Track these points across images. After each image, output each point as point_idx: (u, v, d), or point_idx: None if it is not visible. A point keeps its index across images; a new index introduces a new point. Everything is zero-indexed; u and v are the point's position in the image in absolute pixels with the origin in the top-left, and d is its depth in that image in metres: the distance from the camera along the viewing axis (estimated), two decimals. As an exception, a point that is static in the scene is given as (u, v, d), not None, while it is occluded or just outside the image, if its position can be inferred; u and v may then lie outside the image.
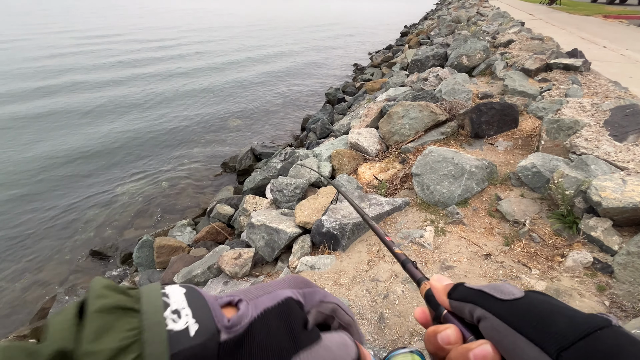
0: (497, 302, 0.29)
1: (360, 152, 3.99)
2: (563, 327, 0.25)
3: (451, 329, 0.31)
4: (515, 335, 0.27)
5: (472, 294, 0.32)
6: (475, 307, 0.30)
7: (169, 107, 9.86)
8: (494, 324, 0.28)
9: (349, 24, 28.82)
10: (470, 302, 0.31)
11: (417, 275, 0.43)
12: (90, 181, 6.20)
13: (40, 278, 4.26)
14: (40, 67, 13.39)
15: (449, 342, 0.30)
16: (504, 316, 0.28)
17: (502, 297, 0.30)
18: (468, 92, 4.38)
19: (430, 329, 0.32)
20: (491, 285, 0.31)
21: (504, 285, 0.31)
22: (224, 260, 2.79)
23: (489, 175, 2.88)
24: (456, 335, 0.31)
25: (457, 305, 0.33)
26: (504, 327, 0.28)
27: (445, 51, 6.94)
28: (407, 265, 0.46)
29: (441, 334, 0.31)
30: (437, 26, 14.17)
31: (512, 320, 0.28)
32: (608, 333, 0.24)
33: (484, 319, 0.29)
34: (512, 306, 0.29)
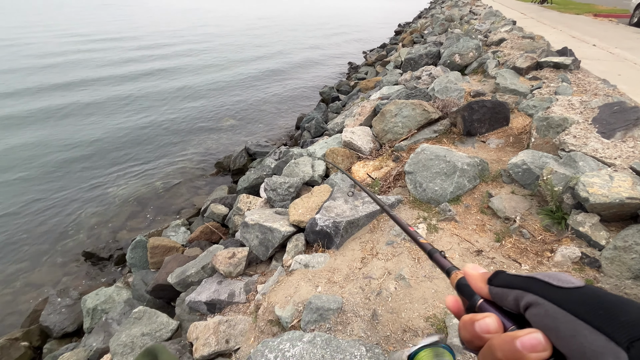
0: (553, 289, 0.28)
1: (354, 151, 4.00)
2: (634, 316, 0.23)
3: (491, 317, 0.29)
4: (576, 322, 0.25)
5: (521, 280, 0.30)
6: (525, 294, 0.28)
7: (162, 106, 9.78)
8: (548, 310, 0.26)
9: (343, 23, 28.81)
10: (519, 288, 0.29)
11: (446, 264, 0.42)
12: (83, 182, 6.13)
13: (32, 280, 4.21)
14: (28, 67, 13.18)
15: (489, 331, 0.29)
16: (563, 303, 0.26)
17: (560, 284, 0.28)
18: (460, 90, 4.42)
19: (467, 316, 0.31)
20: (544, 273, 0.30)
21: (560, 274, 0.29)
22: (218, 259, 2.79)
23: (481, 173, 2.92)
24: (496, 324, 0.29)
25: (500, 292, 0.31)
26: (562, 313, 0.26)
27: (439, 50, 6.98)
28: (434, 255, 0.44)
29: (480, 322, 0.29)
30: (431, 25, 14.24)
31: (574, 306, 0.25)
32: None
33: (535, 305, 0.27)
34: (573, 294, 0.27)
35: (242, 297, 2.58)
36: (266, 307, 2.31)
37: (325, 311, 2.04)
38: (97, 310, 3.32)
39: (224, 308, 2.55)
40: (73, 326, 3.45)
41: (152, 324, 2.52)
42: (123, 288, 3.55)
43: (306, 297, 2.25)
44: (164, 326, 2.51)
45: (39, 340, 3.42)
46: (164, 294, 3.09)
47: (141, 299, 3.23)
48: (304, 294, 2.28)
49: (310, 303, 2.09)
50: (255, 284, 2.68)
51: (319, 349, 1.52)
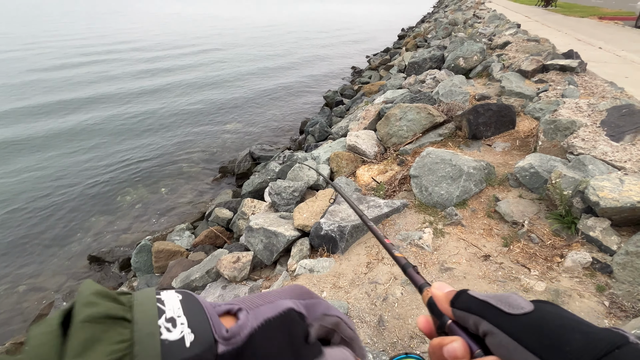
0: (505, 317, 0.28)
1: (359, 155, 3.99)
2: (578, 345, 0.24)
3: (458, 342, 0.29)
4: (526, 354, 0.25)
5: (477, 304, 0.30)
6: (481, 320, 0.29)
7: (167, 111, 9.87)
8: (502, 340, 0.27)
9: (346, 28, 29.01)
10: (475, 313, 0.30)
11: (418, 281, 0.41)
12: (88, 186, 6.18)
13: (38, 284, 4.24)
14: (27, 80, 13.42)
15: (456, 356, 0.29)
16: (513, 333, 0.27)
17: (510, 311, 0.28)
18: (465, 94, 4.40)
19: (435, 340, 0.31)
20: (498, 296, 0.30)
21: (512, 297, 0.29)
22: (222, 264, 2.78)
23: (487, 177, 2.89)
24: (463, 349, 0.29)
25: (461, 315, 0.31)
26: (513, 344, 0.26)
27: (442, 53, 6.97)
28: (408, 270, 0.44)
29: (447, 347, 0.29)
30: (434, 29, 14.26)
31: (522, 337, 0.26)
32: (626, 351, 0.23)
33: (491, 335, 0.28)
34: (522, 321, 0.27)
35: (246, 302, 2.57)
36: (271, 312, 2.29)
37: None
38: (101, 314, 3.32)
39: (229, 313, 2.53)
40: (78, 330, 3.46)
41: (157, 328, 2.50)
42: (128, 292, 3.55)
43: (311, 302, 2.23)
44: (168, 331, 2.50)
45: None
46: (168, 299, 3.08)
47: (146, 303, 3.22)
48: (309, 299, 2.26)
49: (316, 308, 2.06)
50: (260, 289, 2.66)
51: (324, 355, 1.50)
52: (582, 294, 1.93)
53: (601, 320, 1.81)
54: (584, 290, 1.95)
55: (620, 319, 1.80)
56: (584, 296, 1.92)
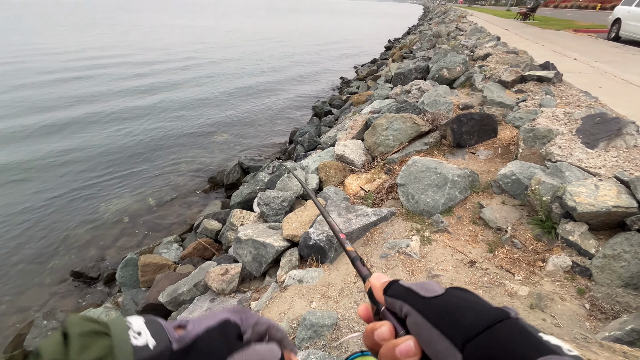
0: (420, 299, 0.32)
1: (347, 164, 4.04)
2: (470, 320, 0.28)
3: (385, 325, 0.34)
4: (432, 329, 0.29)
5: (402, 291, 0.35)
6: (404, 304, 0.33)
7: (153, 122, 9.78)
8: (416, 319, 0.31)
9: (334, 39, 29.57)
10: (400, 299, 0.34)
11: (363, 271, 0.46)
12: (72, 199, 6.03)
13: (17, 303, 4.07)
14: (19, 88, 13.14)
15: (383, 338, 0.33)
16: (425, 312, 0.31)
17: (425, 294, 0.32)
18: (449, 104, 4.53)
19: (369, 326, 0.35)
20: (419, 284, 0.34)
21: (429, 283, 0.34)
22: (210, 276, 2.74)
23: (471, 184, 2.96)
24: (389, 332, 0.33)
25: (391, 301, 0.35)
26: (423, 322, 0.31)
27: (427, 64, 7.18)
28: (355, 262, 0.49)
29: (377, 331, 0.34)
30: (419, 40, 14.70)
31: (431, 315, 0.30)
32: (505, 325, 0.28)
33: (409, 315, 0.32)
34: (432, 303, 0.31)
35: (235, 315, 2.53)
36: (260, 324, 2.26)
37: (320, 327, 2.01)
38: (84, 332, 3.20)
39: (217, 327, 2.49)
40: (59, 350, 3.32)
41: (142, 345, 2.44)
42: (112, 308, 3.45)
43: (300, 313, 2.21)
44: (154, 348, 2.43)
45: None
46: (155, 314, 3.00)
47: (131, 319, 3.13)
48: (298, 310, 2.25)
49: (305, 319, 2.06)
50: (249, 301, 2.63)
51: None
52: (564, 298, 1.98)
53: (582, 322, 1.86)
54: (565, 294, 2.00)
55: (601, 321, 1.86)
56: (566, 299, 1.97)
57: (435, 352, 0.29)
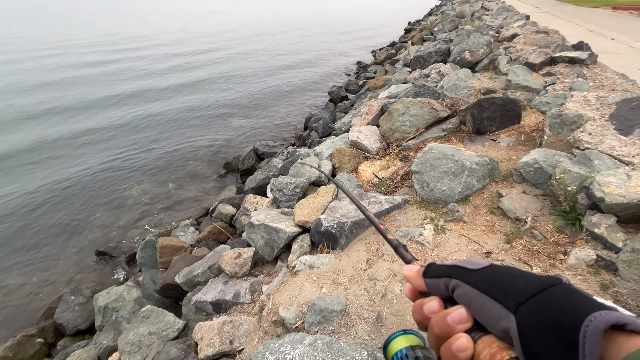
0: (468, 272, 0.34)
1: (361, 150, 3.96)
2: (520, 286, 0.30)
3: (435, 300, 0.36)
4: (483, 297, 0.32)
5: (446, 269, 0.36)
6: (450, 280, 0.35)
7: (172, 109, 9.94)
8: (465, 290, 0.33)
9: (351, 22, 28.68)
10: (444, 276, 0.36)
11: (407, 257, 0.50)
12: (96, 182, 6.28)
13: (47, 278, 4.34)
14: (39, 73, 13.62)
15: (433, 312, 0.35)
16: (474, 282, 0.33)
17: (472, 267, 0.35)
18: (470, 88, 4.32)
19: (417, 301, 0.38)
20: (462, 260, 0.37)
21: (473, 259, 0.36)
22: (224, 259, 2.80)
23: (490, 172, 2.84)
24: (439, 305, 0.36)
25: (433, 282, 0.37)
26: (473, 291, 0.33)
27: (448, 47, 6.85)
28: (398, 249, 0.52)
29: (426, 305, 0.36)
30: (441, 22, 14.01)
31: (480, 285, 0.33)
32: (558, 289, 0.29)
33: (458, 287, 0.34)
34: (480, 274, 0.34)
35: (247, 297, 2.59)
36: (270, 308, 2.30)
37: (329, 313, 2.02)
38: (108, 308, 3.39)
39: (229, 308, 2.56)
40: (85, 324, 3.54)
41: (159, 323, 2.55)
42: (133, 287, 3.62)
43: (310, 298, 2.23)
44: (170, 325, 2.54)
45: (53, 337, 3.52)
46: (171, 294, 3.13)
47: (150, 298, 3.28)
48: (308, 295, 2.27)
49: (314, 304, 2.07)
50: (261, 285, 2.68)
51: (319, 352, 1.50)
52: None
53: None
54: (587, 289, 1.91)
55: (624, 318, 1.76)
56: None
57: (487, 318, 0.31)
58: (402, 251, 0.51)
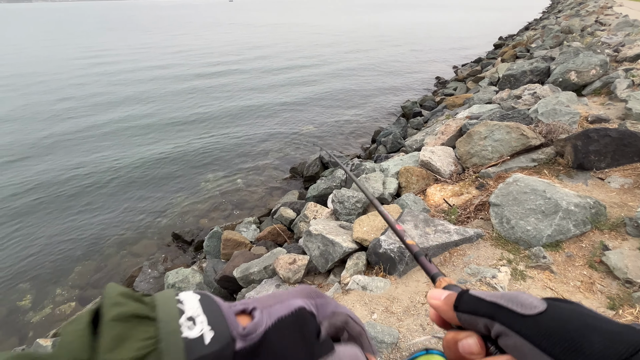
0: (517, 317, 0.26)
1: (432, 172, 3.71)
2: (599, 348, 0.23)
3: (473, 337, 0.29)
4: (543, 356, 0.24)
5: (486, 307, 0.28)
6: (493, 323, 0.27)
7: (252, 114, 10.80)
8: (517, 343, 0.26)
9: (435, 36, 27.61)
10: (484, 316, 0.28)
11: (432, 269, 0.41)
12: (183, 175, 7.12)
13: (134, 250, 5.04)
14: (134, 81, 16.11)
15: (471, 352, 0.29)
16: (529, 334, 0.25)
17: (522, 311, 0.27)
18: (574, 115, 3.72)
19: (450, 335, 0.31)
20: (506, 296, 0.28)
21: (521, 295, 0.28)
22: (279, 263, 2.87)
23: (594, 217, 2.37)
24: (478, 345, 0.29)
25: (468, 319, 0.29)
26: (529, 347, 0.25)
27: (548, 66, 6.06)
28: (420, 257, 0.43)
29: (462, 342, 0.29)
30: (541, 37, 12.54)
31: (538, 339, 0.25)
32: None
33: (505, 336, 0.27)
34: (536, 322, 0.26)
35: (296, 305, 2.60)
36: (318, 322, 2.26)
37: (378, 342, 1.89)
38: (175, 286, 3.76)
39: (278, 312, 2.60)
40: (156, 296, 3.98)
41: (215, 312, 2.71)
42: (197, 272, 3.96)
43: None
44: (223, 316, 2.68)
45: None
46: (228, 285, 3.33)
47: (210, 285, 3.54)
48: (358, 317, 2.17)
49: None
50: (311, 295, 2.67)
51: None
52: None
53: None
54: None
55: None
56: None
57: None
58: (424, 261, 0.42)
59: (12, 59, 20.94)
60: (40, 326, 3.91)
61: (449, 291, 0.33)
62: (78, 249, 5.03)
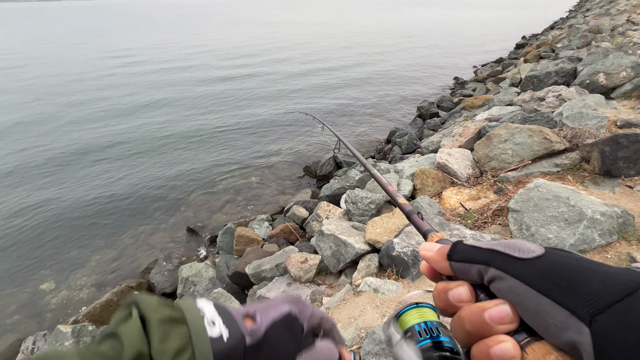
0: (514, 261, 0.27)
1: (448, 175, 3.63)
2: (597, 287, 0.23)
3: (463, 286, 0.30)
4: (539, 297, 0.24)
5: (482, 253, 0.29)
6: (488, 268, 0.28)
7: (265, 112, 10.88)
8: (511, 285, 0.26)
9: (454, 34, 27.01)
10: (479, 262, 0.28)
11: (423, 226, 0.42)
12: (197, 169, 7.25)
13: (149, 242, 5.18)
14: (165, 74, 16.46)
15: (461, 300, 0.29)
16: (524, 277, 0.25)
17: (520, 255, 0.27)
18: (602, 119, 3.55)
19: (441, 284, 0.31)
20: (503, 243, 0.28)
21: (519, 242, 0.28)
22: (291, 261, 2.88)
23: (621, 227, 2.25)
24: (469, 293, 0.29)
25: (461, 267, 0.30)
26: (524, 288, 0.25)
27: (575, 67, 5.81)
28: (412, 216, 0.45)
29: (452, 291, 0.30)
30: (567, 37, 12.05)
31: (534, 280, 0.25)
32: None
33: (499, 280, 0.27)
34: (533, 265, 0.26)
35: (306, 304, 2.60)
36: (328, 322, 2.25)
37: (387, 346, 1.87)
38: (188, 280, 3.84)
39: (289, 311, 2.61)
40: (170, 288, 4.08)
41: (226, 307, 2.75)
42: (210, 266, 4.03)
43: (370, 324, 2.11)
44: (235, 312, 2.71)
45: (146, 293, 4.16)
46: (240, 281, 3.37)
47: (222, 280, 3.59)
48: (368, 320, 2.15)
49: (374, 333, 1.94)
50: (322, 295, 2.66)
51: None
52: None
53: None
54: None
55: None
56: None
57: (545, 324, 0.24)
58: (416, 219, 0.43)
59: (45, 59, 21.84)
60: (59, 309, 4.09)
61: (440, 245, 0.33)
62: (97, 238, 5.22)
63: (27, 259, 4.85)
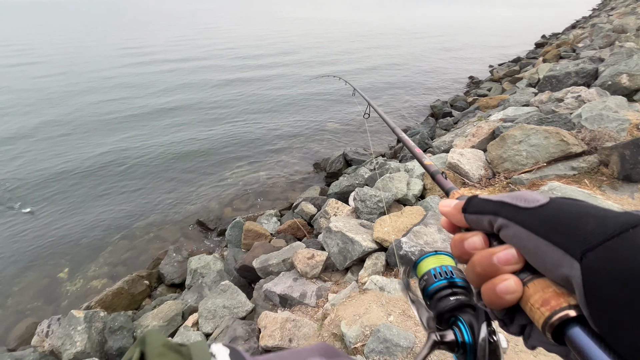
0: (520, 210, 0.29)
1: (459, 175, 3.57)
2: (591, 228, 0.24)
3: (478, 236, 0.31)
4: (538, 240, 0.26)
5: (492, 205, 0.31)
6: (497, 218, 0.30)
7: (276, 108, 10.91)
8: (515, 231, 0.28)
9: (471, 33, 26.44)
10: (489, 213, 0.31)
11: (446, 184, 0.47)
12: (208, 166, 7.33)
13: (160, 234, 5.29)
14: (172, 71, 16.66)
15: (475, 248, 0.31)
16: (528, 224, 0.27)
17: (525, 205, 0.29)
18: (623, 121, 3.42)
19: (457, 235, 0.33)
20: (512, 195, 0.30)
21: (527, 193, 0.30)
22: (297, 257, 2.90)
23: None
24: (482, 242, 0.31)
25: (474, 218, 0.32)
26: (526, 233, 0.27)
27: (596, 67, 5.62)
28: (436, 176, 0.49)
29: (468, 240, 0.32)
30: (589, 36, 11.64)
31: (536, 226, 0.27)
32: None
33: (505, 227, 0.29)
34: (536, 213, 0.28)
35: (312, 300, 2.61)
36: (333, 318, 2.26)
37: (393, 345, 1.86)
38: (197, 272, 3.91)
39: (294, 306, 2.63)
40: (179, 279, 4.16)
41: (233, 299, 2.79)
42: (218, 259, 4.08)
43: (375, 322, 2.10)
44: (241, 305, 2.75)
45: (155, 282, 4.26)
46: (247, 275, 3.41)
47: (229, 273, 3.64)
48: (373, 318, 2.14)
49: (379, 331, 1.94)
50: (327, 292, 2.67)
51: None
52: None
53: None
54: None
55: None
56: None
57: (543, 263, 0.26)
58: (440, 179, 0.47)
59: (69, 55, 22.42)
60: (75, 296, 4.23)
61: (458, 201, 0.35)
62: (111, 229, 5.35)
63: (48, 247, 5.03)
